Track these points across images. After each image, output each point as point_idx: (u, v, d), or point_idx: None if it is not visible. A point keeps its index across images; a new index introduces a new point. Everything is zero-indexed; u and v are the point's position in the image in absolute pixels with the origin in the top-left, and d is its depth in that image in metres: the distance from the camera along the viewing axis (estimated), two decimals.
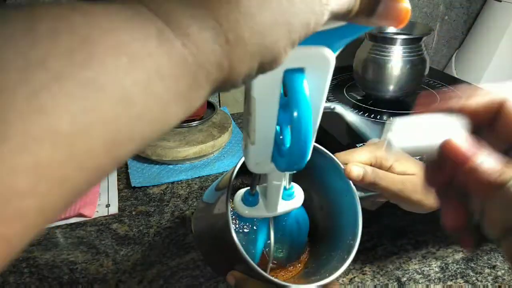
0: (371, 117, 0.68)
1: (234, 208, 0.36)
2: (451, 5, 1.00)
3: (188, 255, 0.51)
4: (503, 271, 0.48)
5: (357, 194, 0.40)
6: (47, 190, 0.11)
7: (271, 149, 0.25)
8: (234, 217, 0.41)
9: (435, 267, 0.49)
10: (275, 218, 0.38)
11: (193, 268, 0.49)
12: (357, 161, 0.41)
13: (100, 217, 0.57)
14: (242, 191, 0.35)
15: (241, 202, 0.34)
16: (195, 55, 0.14)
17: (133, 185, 0.63)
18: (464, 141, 0.20)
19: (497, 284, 0.47)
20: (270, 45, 0.15)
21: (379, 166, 0.42)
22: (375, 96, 0.73)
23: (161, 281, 0.47)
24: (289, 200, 0.35)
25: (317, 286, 0.35)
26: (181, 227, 0.56)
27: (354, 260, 0.37)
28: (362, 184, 0.40)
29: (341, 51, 0.22)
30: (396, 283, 0.47)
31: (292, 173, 0.34)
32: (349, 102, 0.74)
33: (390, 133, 0.21)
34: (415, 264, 0.49)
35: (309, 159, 0.23)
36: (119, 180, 0.66)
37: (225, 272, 0.36)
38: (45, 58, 0.11)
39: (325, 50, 0.20)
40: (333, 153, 0.42)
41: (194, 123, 0.71)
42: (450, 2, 0.99)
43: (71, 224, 0.56)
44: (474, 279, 0.47)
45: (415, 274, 0.48)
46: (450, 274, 0.48)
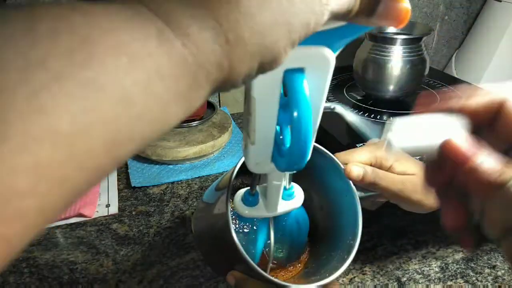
0: (371, 117, 0.68)
1: (234, 208, 0.36)
2: (451, 5, 1.00)
3: (188, 255, 0.51)
4: (503, 271, 0.48)
5: (357, 194, 0.40)
6: (47, 190, 0.11)
7: (271, 149, 0.25)
8: (234, 217, 0.41)
9: (435, 267, 0.49)
10: (275, 218, 0.38)
11: (193, 268, 0.49)
12: (357, 161, 0.41)
13: (100, 217, 0.57)
14: (242, 191, 0.35)
15: (241, 202, 0.34)
16: (195, 55, 0.14)
17: (133, 185, 0.63)
18: (464, 141, 0.20)
19: (497, 284, 0.47)
20: (270, 45, 0.15)
21: (379, 166, 0.42)
22: (375, 96, 0.73)
23: (161, 281, 0.47)
24: (289, 200, 0.35)
25: (317, 286, 0.35)
26: (181, 227, 0.56)
27: (354, 260, 0.37)
28: (362, 184, 0.40)
29: (341, 51, 0.22)
30: (396, 283, 0.47)
31: (292, 173, 0.34)
32: (349, 102, 0.74)
33: (390, 133, 0.21)
34: (415, 264, 0.49)
35: (309, 159, 0.23)
36: (119, 180, 0.66)
37: (225, 272, 0.36)
38: (45, 58, 0.11)
39: (325, 50, 0.20)
40: (333, 153, 0.42)
41: (194, 123, 0.71)
42: (450, 2, 0.99)
43: (71, 224, 0.56)
44: (474, 279, 0.47)
45: (415, 274, 0.48)
46: (450, 274, 0.48)
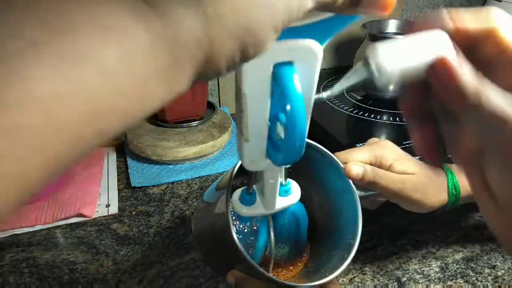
0: (371, 117, 0.68)
1: (232, 207, 0.36)
2: (451, 5, 1.00)
3: (188, 255, 0.51)
4: (503, 271, 0.48)
5: (357, 193, 0.40)
6: (25, 155, 0.11)
7: (265, 145, 0.25)
8: (234, 217, 0.41)
9: (435, 267, 0.49)
10: (274, 216, 0.38)
11: (193, 268, 0.49)
12: (357, 160, 0.41)
13: (100, 217, 0.57)
14: (239, 191, 0.35)
15: (238, 201, 0.34)
16: (174, 32, 0.14)
17: (133, 185, 0.63)
18: (456, 59, 0.19)
19: (497, 284, 0.47)
20: (251, 25, 0.15)
21: (379, 165, 0.43)
22: (375, 96, 0.73)
23: (161, 281, 0.47)
24: (286, 196, 0.35)
25: (317, 285, 0.35)
26: (181, 227, 0.56)
27: (354, 260, 0.37)
28: (362, 183, 0.40)
29: (341, 51, 0.22)
30: (396, 283, 0.47)
31: (288, 168, 0.34)
32: (349, 102, 0.74)
33: (378, 57, 0.20)
34: (415, 264, 0.49)
35: (308, 158, 0.23)
36: (119, 180, 0.66)
37: (225, 272, 0.36)
38: (19, 27, 0.12)
39: (311, 42, 0.20)
40: (333, 152, 0.42)
41: (194, 123, 0.71)
42: (450, 2, 0.99)
43: (71, 224, 0.56)
44: (474, 279, 0.47)
45: (415, 274, 0.48)
46: (450, 274, 0.48)
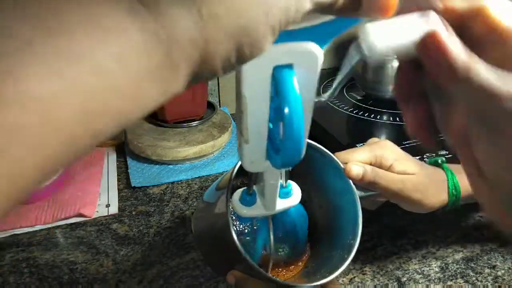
0: (371, 117, 0.68)
1: (232, 208, 0.36)
2: None
3: (188, 255, 0.51)
4: (503, 271, 0.48)
5: (357, 193, 0.40)
6: (20, 154, 0.11)
7: (265, 146, 0.25)
8: (234, 217, 0.41)
9: (435, 267, 0.49)
10: (274, 217, 0.38)
11: (193, 268, 0.49)
12: (356, 161, 0.41)
13: (100, 217, 0.57)
14: (239, 191, 0.35)
15: (238, 202, 0.34)
16: (168, 31, 0.14)
17: (133, 185, 0.63)
18: (445, 33, 0.19)
19: (497, 284, 0.47)
20: (246, 25, 0.15)
21: (379, 165, 0.42)
22: (375, 96, 0.73)
23: (161, 281, 0.47)
24: (287, 198, 0.35)
25: (317, 285, 0.35)
26: (181, 227, 0.56)
27: (354, 260, 0.37)
28: (362, 183, 0.40)
29: (342, 52, 0.22)
30: (396, 283, 0.47)
31: (288, 170, 0.34)
32: (349, 102, 0.74)
33: (369, 35, 0.20)
34: (415, 264, 0.49)
35: (309, 158, 0.23)
36: (119, 180, 0.66)
37: (225, 272, 0.36)
38: (13, 26, 0.11)
39: (312, 45, 0.20)
40: (333, 152, 0.42)
41: (194, 123, 0.71)
42: None
43: (71, 224, 0.56)
44: (474, 279, 0.47)
45: (415, 274, 0.48)
46: (450, 274, 0.48)
